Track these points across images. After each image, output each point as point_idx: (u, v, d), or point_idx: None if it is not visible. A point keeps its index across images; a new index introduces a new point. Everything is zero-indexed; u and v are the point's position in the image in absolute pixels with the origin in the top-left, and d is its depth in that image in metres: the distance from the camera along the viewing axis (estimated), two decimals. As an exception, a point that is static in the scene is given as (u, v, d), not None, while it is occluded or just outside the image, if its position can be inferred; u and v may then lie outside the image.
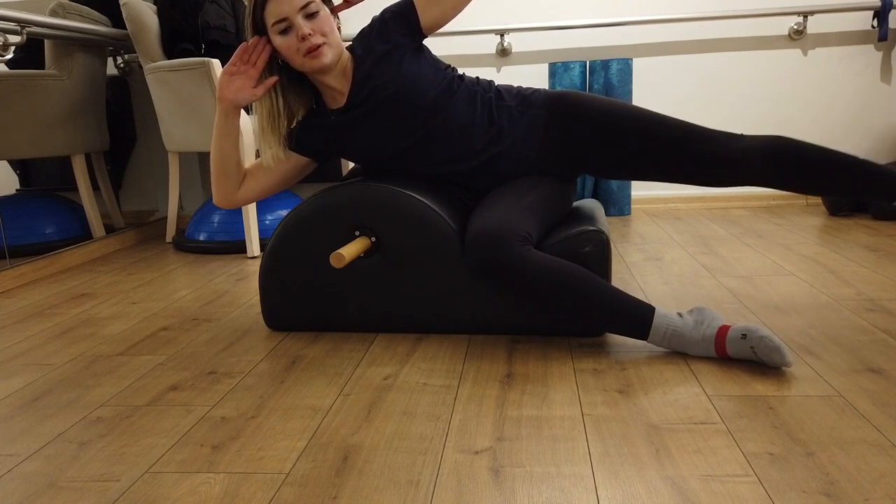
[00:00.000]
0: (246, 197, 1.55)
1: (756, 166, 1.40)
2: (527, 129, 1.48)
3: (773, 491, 0.86)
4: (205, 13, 2.53)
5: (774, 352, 1.19)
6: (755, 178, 1.42)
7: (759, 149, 1.40)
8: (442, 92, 1.46)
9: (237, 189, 1.54)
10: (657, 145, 1.43)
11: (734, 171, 1.41)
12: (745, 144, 1.41)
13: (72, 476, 0.98)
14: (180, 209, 3.24)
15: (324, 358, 1.40)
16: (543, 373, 1.27)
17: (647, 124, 1.44)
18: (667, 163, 1.44)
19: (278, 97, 1.48)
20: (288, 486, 0.93)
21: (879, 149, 2.99)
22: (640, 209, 3.11)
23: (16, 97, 2.38)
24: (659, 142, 1.43)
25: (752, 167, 1.40)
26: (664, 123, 1.44)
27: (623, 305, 1.29)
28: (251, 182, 1.54)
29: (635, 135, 1.44)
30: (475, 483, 0.91)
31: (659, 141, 1.43)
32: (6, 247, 2.31)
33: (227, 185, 1.52)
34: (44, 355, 1.50)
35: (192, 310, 1.80)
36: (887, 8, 2.79)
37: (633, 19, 2.90)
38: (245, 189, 1.55)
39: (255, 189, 1.55)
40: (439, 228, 1.44)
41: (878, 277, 1.79)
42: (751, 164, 1.40)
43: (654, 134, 1.43)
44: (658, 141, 1.43)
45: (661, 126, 1.44)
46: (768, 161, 1.39)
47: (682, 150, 1.42)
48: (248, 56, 1.42)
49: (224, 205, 1.55)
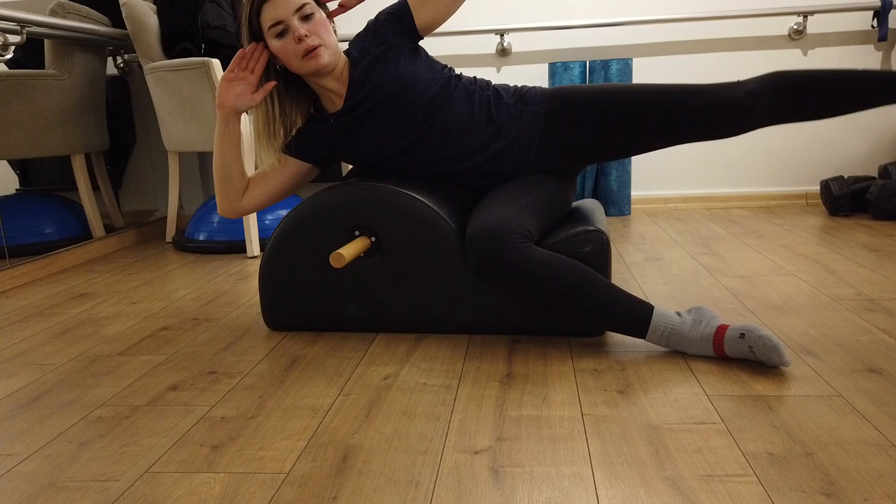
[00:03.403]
0: (250, 205, 1.54)
1: (764, 104, 1.39)
2: (526, 127, 1.48)
3: (772, 491, 0.86)
4: (205, 13, 2.53)
5: (772, 351, 1.19)
6: (765, 118, 1.41)
7: (762, 87, 1.39)
8: (439, 91, 1.46)
9: (241, 197, 1.54)
10: (661, 113, 1.42)
11: (743, 117, 1.40)
12: (747, 88, 1.40)
13: (72, 476, 0.98)
14: (180, 209, 3.25)
15: (324, 358, 1.40)
16: (543, 373, 1.27)
17: (645, 96, 1.43)
18: (675, 127, 1.43)
19: (275, 102, 1.48)
20: (288, 485, 0.93)
21: (880, 149, 2.99)
22: (640, 209, 3.11)
23: (16, 97, 2.38)
24: (662, 109, 1.42)
25: (760, 107, 1.39)
26: (662, 91, 1.43)
27: (622, 303, 1.29)
28: (255, 190, 1.54)
29: (637, 109, 1.43)
30: (475, 483, 0.91)
31: (661, 108, 1.42)
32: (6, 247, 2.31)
33: (230, 193, 1.52)
34: (43, 355, 1.50)
35: (192, 310, 1.80)
36: (887, 8, 2.79)
37: (632, 19, 2.90)
38: (249, 197, 1.54)
39: (260, 197, 1.54)
40: (439, 228, 1.44)
41: (878, 277, 1.79)
42: (759, 104, 1.39)
43: (655, 103, 1.42)
44: (661, 109, 1.42)
45: (659, 94, 1.43)
46: (775, 95, 1.38)
47: (688, 111, 1.41)
48: (247, 62, 1.43)
49: (229, 214, 1.54)
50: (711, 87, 1.42)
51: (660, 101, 1.42)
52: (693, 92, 1.42)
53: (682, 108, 1.41)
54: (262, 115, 1.48)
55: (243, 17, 1.42)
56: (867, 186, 2.64)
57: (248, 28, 1.42)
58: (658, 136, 1.45)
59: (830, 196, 2.69)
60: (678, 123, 1.42)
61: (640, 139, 1.46)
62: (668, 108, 1.42)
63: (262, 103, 1.47)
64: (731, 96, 1.40)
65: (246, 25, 1.42)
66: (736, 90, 1.40)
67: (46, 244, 2.54)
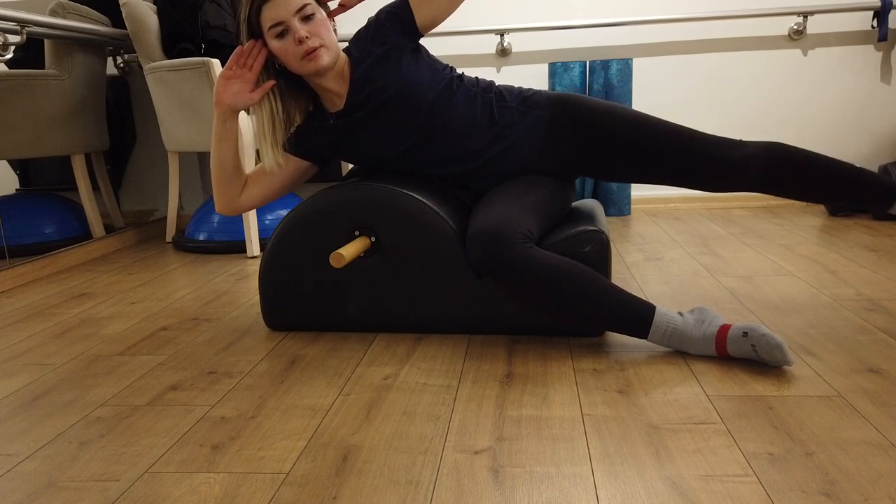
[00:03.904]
0: (248, 203, 1.54)
1: (757, 172, 1.42)
2: (528, 130, 1.48)
3: (772, 491, 0.86)
4: (205, 13, 2.53)
5: (776, 350, 1.19)
6: (755, 184, 1.44)
7: (760, 155, 1.42)
8: (441, 93, 1.46)
9: (239, 195, 1.53)
10: (659, 151, 1.44)
11: (735, 178, 1.43)
12: (746, 152, 1.42)
13: (72, 476, 0.98)
14: (180, 209, 3.24)
15: (324, 358, 1.40)
16: (543, 373, 1.27)
17: (648, 130, 1.44)
18: (667, 168, 1.45)
19: (276, 101, 1.48)
20: (288, 485, 0.93)
21: (879, 149, 2.99)
22: (639, 209, 3.11)
23: (16, 97, 2.38)
24: (660, 148, 1.44)
25: (753, 173, 1.42)
26: (666, 129, 1.45)
27: (623, 304, 1.29)
28: (253, 187, 1.54)
29: (636, 140, 1.44)
30: (475, 483, 0.91)
31: (660, 147, 1.44)
32: (6, 247, 2.31)
33: (228, 191, 1.52)
34: (43, 355, 1.50)
35: (192, 310, 1.80)
36: (887, 8, 2.79)
37: (632, 19, 2.90)
38: (247, 195, 1.54)
39: (258, 194, 1.54)
40: (439, 228, 1.44)
41: (878, 277, 1.79)
42: (752, 170, 1.42)
43: (656, 140, 1.44)
44: (660, 147, 1.44)
45: (662, 132, 1.44)
46: (769, 167, 1.41)
47: (684, 157, 1.43)
48: (245, 60, 1.41)
49: (226, 211, 1.54)
50: (714, 140, 1.44)
51: (660, 140, 1.44)
52: (695, 139, 1.44)
53: (680, 154, 1.44)
54: (266, 113, 1.47)
55: (242, 15, 1.41)
56: (867, 186, 2.64)
57: (248, 27, 1.41)
58: (649, 174, 1.48)
59: (830, 196, 2.69)
60: (672, 167, 1.45)
61: (632, 171, 1.49)
62: (667, 150, 1.44)
63: (265, 101, 1.46)
64: (729, 154, 1.42)
65: (245, 24, 1.41)
66: (736, 150, 1.43)
67: (46, 244, 2.54)
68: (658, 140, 1.44)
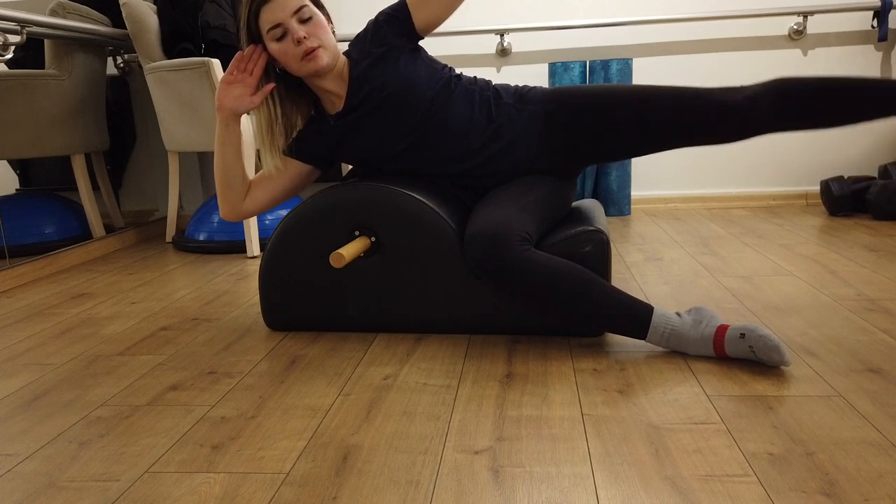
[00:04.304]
0: (252, 208, 1.54)
1: (768, 109, 1.36)
2: (526, 127, 1.48)
3: (772, 491, 0.86)
4: (205, 13, 2.53)
5: (773, 350, 1.19)
6: (766, 123, 1.38)
7: (764, 92, 1.37)
8: (439, 92, 1.46)
9: (243, 200, 1.54)
10: (661, 115, 1.41)
11: (746, 120, 1.38)
12: (749, 93, 1.38)
13: (72, 476, 0.98)
14: (180, 209, 3.25)
15: (324, 358, 1.40)
16: (543, 373, 1.27)
17: (646, 97, 1.42)
18: (674, 130, 1.42)
19: (276, 105, 1.48)
20: (288, 485, 0.93)
21: (879, 149, 2.99)
22: (639, 209, 3.11)
23: (16, 97, 2.38)
24: (662, 111, 1.41)
25: (760, 112, 1.37)
26: (662, 93, 1.42)
27: (622, 305, 1.29)
28: (256, 192, 1.54)
29: (637, 110, 1.42)
30: (475, 483, 0.91)
31: (662, 111, 1.41)
32: (6, 246, 2.31)
33: (232, 195, 1.52)
34: (43, 355, 1.50)
35: (192, 310, 1.80)
36: (887, 8, 2.79)
37: (632, 19, 2.90)
38: (251, 200, 1.54)
39: (261, 199, 1.54)
40: (439, 228, 1.44)
41: (878, 277, 1.79)
42: (759, 109, 1.37)
43: (656, 105, 1.41)
44: (661, 111, 1.41)
45: (660, 96, 1.42)
46: (776, 101, 1.36)
47: (688, 114, 1.40)
48: (245, 64, 1.43)
49: (231, 217, 1.54)
50: (711, 91, 1.41)
51: (659, 102, 1.42)
52: (693, 95, 1.41)
53: (681, 110, 1.40)
54: (264, 117, 1.48)
55: (241, 21, 1.42)
56: (867, 187, 2.64)
57: (247, 31, 1.42)
58: (656, 139, 1.44)
59: (830, 196, 2.69)
60: (677, 126, 1.41)
61: (638, 141, 1.45)
62: (667, 110, 1.41)
63: (263, 106, 1.47)
64: (731, 100, 1.38)
65: (245, 29, 1.42)
66: (737, 94, 1.39)
67: (46, 244, 2.54)
68: (659, 105, 1.41)
